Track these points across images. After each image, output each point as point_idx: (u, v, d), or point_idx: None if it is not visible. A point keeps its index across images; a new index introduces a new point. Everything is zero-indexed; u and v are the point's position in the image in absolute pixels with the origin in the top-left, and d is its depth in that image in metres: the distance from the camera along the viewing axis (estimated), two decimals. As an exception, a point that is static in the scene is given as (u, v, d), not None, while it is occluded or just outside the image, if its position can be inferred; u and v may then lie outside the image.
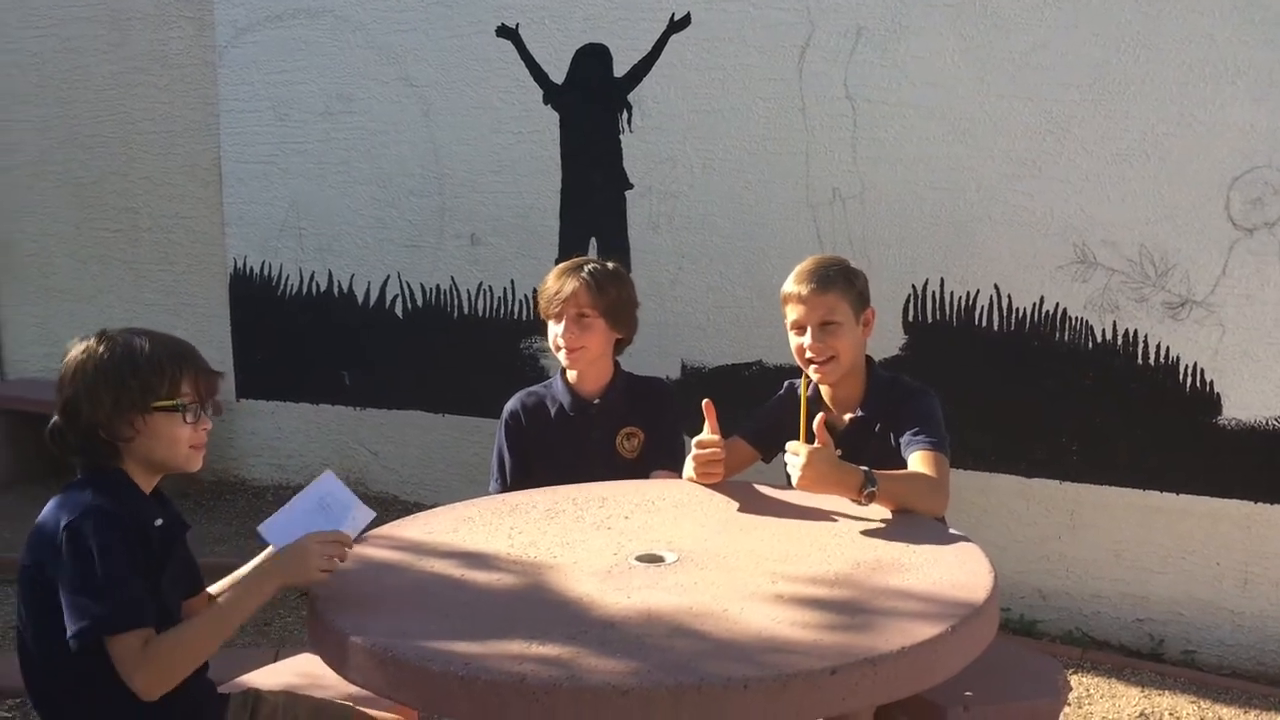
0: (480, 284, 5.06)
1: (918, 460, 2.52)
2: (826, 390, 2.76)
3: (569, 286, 2.88)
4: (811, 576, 2.10)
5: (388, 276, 5.24)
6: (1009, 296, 4.05)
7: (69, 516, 1.96)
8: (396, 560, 2.23)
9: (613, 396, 2.99)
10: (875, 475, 2.36)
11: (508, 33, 4.83)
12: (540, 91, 4.81)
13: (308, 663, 2.51)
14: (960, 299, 4.13)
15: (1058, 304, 3.98)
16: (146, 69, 5.63)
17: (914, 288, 4.19)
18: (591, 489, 2.68)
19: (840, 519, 2.40)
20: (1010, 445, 4.09)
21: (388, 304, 5.26)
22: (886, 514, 2.41)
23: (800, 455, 2.34)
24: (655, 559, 2.21)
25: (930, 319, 4.18)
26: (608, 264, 2.99)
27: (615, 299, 2.91)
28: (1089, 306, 3.94)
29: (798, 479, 2.35)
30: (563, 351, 2.92)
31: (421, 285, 5.18)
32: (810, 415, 2.44)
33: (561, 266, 2.98)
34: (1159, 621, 3.94)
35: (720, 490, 2.63)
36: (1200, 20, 3.69)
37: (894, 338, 4.19)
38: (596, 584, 2.09)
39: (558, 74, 4.77)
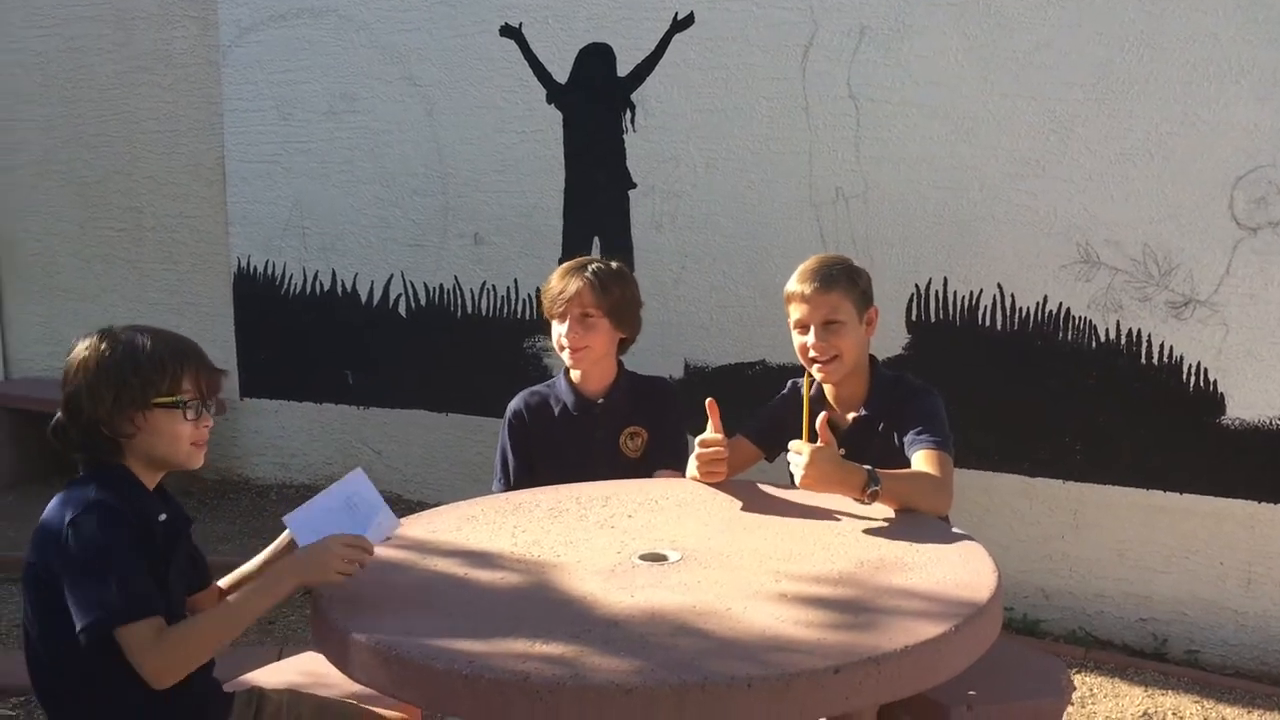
0: (484, 283, 5.06)
1: (921, 459, 2.52)
2: (830, 389, 2.76)
3: (573, 286, 2.88)
4: (815, 575, 2.10)
5: (391, 276, 5.24)
6: (1012, 296, 4.05)
7: (73, 513, 1.97)
8: (400, 559, 2.23)
9: (616, 396, 2.99)
10: (878, 474, 2.36)
11: (511, 32, 4.83)
12: (544, 91, 4.81)
13: (312, 661, 2.52)
14: (963, 298, 4.13)
15: (1061, 303, 3.98)
16: (150, 68, 5.64)
17: (917, 287, 4.18)
18: (595, 488, 2.68)
19: (843, 518, 2.40)
20: (1013, 444, 4.08)
21: (391, 303, 5.27)
22: (890, 513, 2.41)
23: (803, 454, 2.34)
24: (659, 558, 2.21)
25: (933, 318, 4.18)
26: (611, 263, 2.98)
27: (619, 299, 2.91)
28: (1092, 306, 3.94)
29: (800, 478, 2.35)
30: (566, 351, 2.92)
31: (425, 284, 5.18)
32: (813, 414, 2.44)
33: (565, 266, 2.98)
34: (1162, 621, 3.94)
35: (723, 489, 2.63)
36: (1204, 19, 3.68)
37: (897, 337, 4.19)
38: (600, 583, 2.09)
39: (561, 73, 4.78)
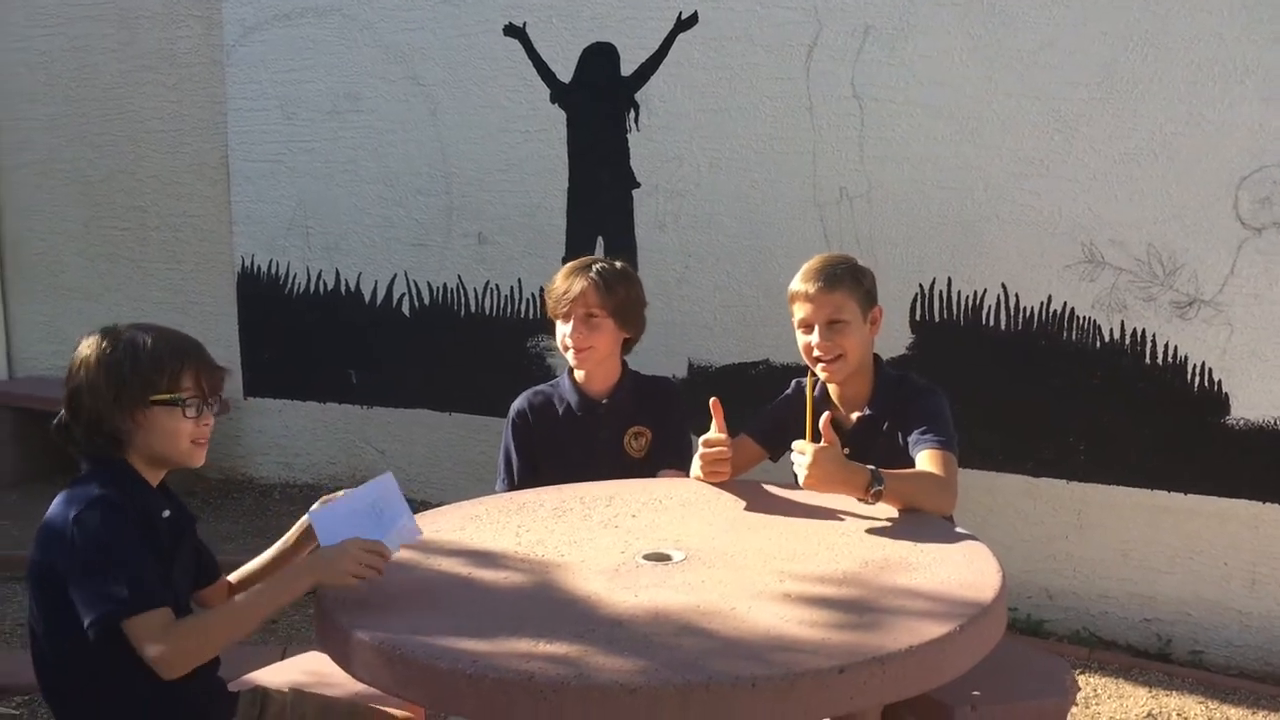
0: (487, 283, 5.06)
1: (925, 459, 2.52)
2: (834, 389, 2.75)
3: (577, 286, 2.87)
4: (819, 575, 2.09)
5: (395, 275, 5.25)
6: (1016, 296, 4.05)
7: (76, 509, 1.97)
8: (404, 558, 2.23)
9: (620, 396, 2.98)
10: (882, 474, 2.36)
11: (515, 32, 4.84)
12: (547, 90, 4.81)
13: (315, 660, 2.52)
14: (967, 298, 4.12)
15: (1065, 303, 3.98)
16: (154, 68, 5.65)
17: (921, 287, 4.18)
18: (599, 488, 2.68)
19: (848, 518, 2.40)
20: (1017, 444, 4.08)
21: (395, 303, 5.27)
22: (894, 513, 2.40)
23: (806, 454, 2.33)
24: (662, 558, 2.21)
25: (937, 318, 4.18)
26: (616, 263, 2.98)
27: (624, 299, 2.91)
28: (1097, 306, 3.94)
29: (804, 478, 2.34)
30: (571, 351, 2.92)
31: (429, 284, 5.19)
32: (817, 414, 2.43)
33: (570, 266, 2.97)
34: (1166, 622, 3.93)
35: (727, 489, 2.63)
36: (1209, 19, 3.68)
37: (901, 337, 4.18)
38: (604, 582, 2.09)
39: (565, 73, 4.78)
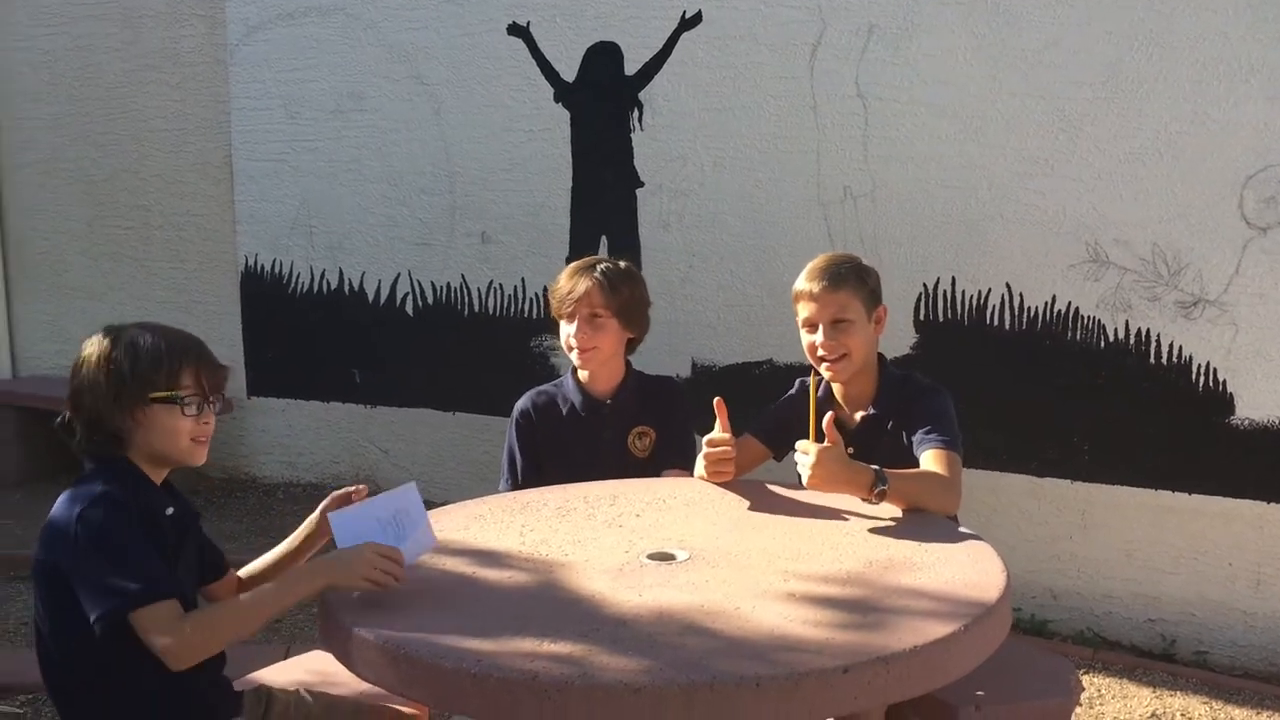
0: (491, 282, 5.06)
1: (930, 459, 2.52)
2: (838, 388, 2.75)
3: (582, 286, 2.87)
4: (823, 575, 2.09)
5: (398, 274, 5.25)
6: (1021, 295, 4.04)
7: (80, 507, 1.98)
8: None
9: (624, 396, 2.98)
10: (886, 474, 2.36)
11: (519, 31, 4.83)
12: (551, 90, 4.81)
13: (319, 660, 2.52)
14: (972, 298, 4.12)
15: (1070, 303, 3.97)
16: (158, 67, 5.65)
17: (925, 286, 4.18)
18: (602, 487, 2.68)
19: (852, 518, 2.39)
20: (1021, 444, 4.07)
21: (398, 302, 5.27)
22: (897, 513, 2.40)
23: (810, 454, 2.33)
24: (667, 557, 2.21)
25: (941, 318, 4.17)
26: (620, 263, 2.97)
27: (628, 299, 2.90)
28: (1101, 305, 3.93)
29: (807, 478, 2.34)
30: (575, 351, 2.91)
31: (432, 283, 5.19)
32: (820, 413, 2.43)
33: (574, 266, 2.96)
34: (1171, 622, 3.93)
35: (731, 489, 2.63)
36: (1214, 18, 3.67)
37: (905, 336, 4.18)
38: (608, 582, 2.09)
39: (569, 72, 4.77)
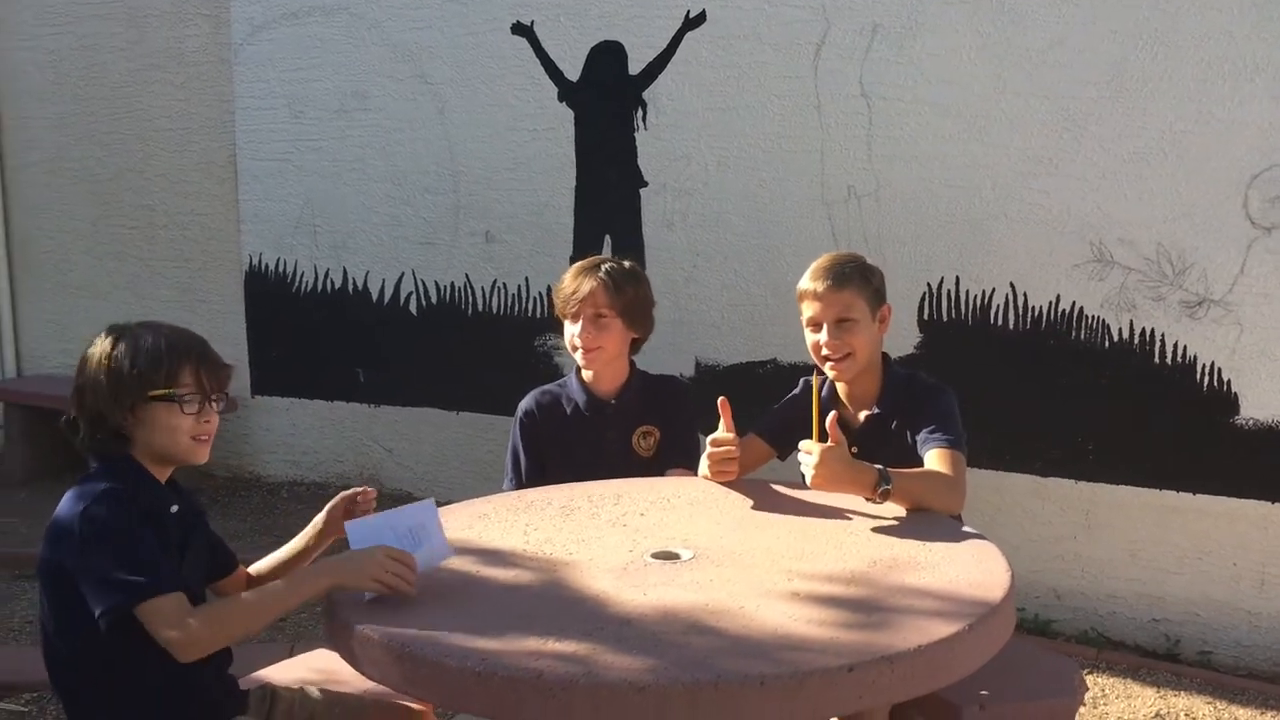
0: (495, 281, 5.06)
1: (934, 458, 2.51)
2: (843, 387, 2.75)
3: (586, 286, 2.86)
4: (827, 574, 2.09)
5: (402, 274, 5.25)
6: (1025, 295, 4.04)
7: (84, 504, 1.99)
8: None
9: (629, 396, 2.97)
10: (890, 473, 2.36)
11: (523, 30, 4.84)
12: (555, 89, 4.81)
13: (323, 658, 2.52)
14: (976, 297, 4.12)
15: (1074, 303, 3.97)
16: (163, 66, 5.66)
17: (929, 286, 4.18)
18: (606, 486, 2.68)
19: (856, 517, 2.39)
20: (1025, 444, 4.07)
21: (402, 301, 5.27)
22: (902, 512, 2.40)
23: (813, 454, 2.33)
24: (671, 556, 2.21)
25: (945, 317, 4.17)
26: (624, 263, 2.96)
27: (632, 299, 2.90)
28: (1105, 305, 3.93)
29: (811, 478, 2.34)
30: (579, 351, 2.91)
31: (436, 282, 5.19)
32: (824, 413, 2.43)
33: (578, 266, 2.96)
34: (1175, 622, 3.92)
35: (735, 488, 2.63)
36: (1218, 17, 3.67)
37: (909, 336, 4.18)
38: (612, 581, 2.09)
39: (573, 71, 4.78)
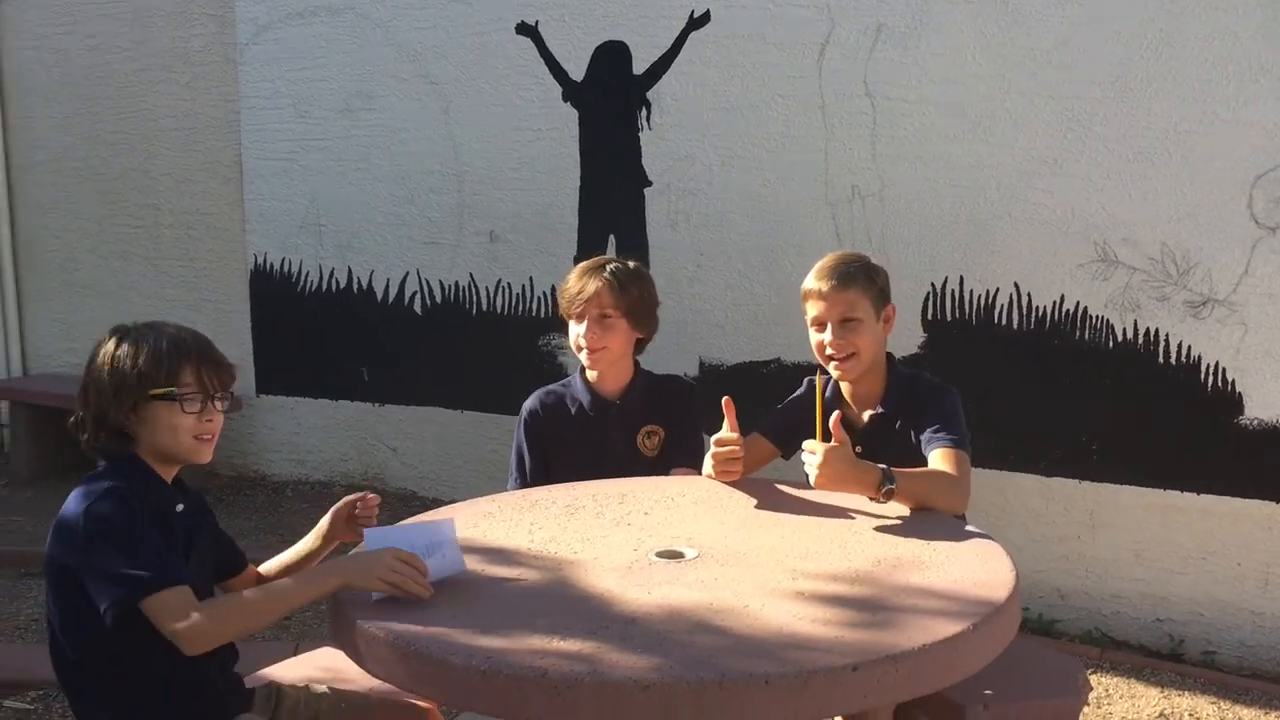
0: (499, 281, 5.07)
1: (938, 458, 2.52)
2: (847, 387, 2.75)
3: (591, 287, 2.86)
4: (832, 573, 2.10)
5: (407, 273, 5.26)
6: (1029, 295, 4.04)
7: (89, 501, 2.00)
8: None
9: (633, 397, 2.98)
10: (894, 473, 2.36)
11: (527, 30, 4.84)
12: (559, 89, 4.82)
13: (329, 656, 2.53)
14: (980, 297, 4.12)
15: (1078, 303, 3.97)
16: (168, 66, 5.67)
17: (933, 286, 4.18)
18: (611, 485, 2.68)
19: (860, 516, 2.40)
20: (1030, 444, 4.07)
21: (407, 300, 5.28)
22: (906, 512, 2.40)
23: (817, 454, 2.33)
24: (675, 555, 2.21)
25: (949, 317, 4.17)
26: (629, 263, 2.96)
27: (637, 299, 2.90)
28: (1110, 305, 3.93)
29: (815, 478, 2.34)
30: (584, 352, 2.91)
31: (440, 282, 5.20)
32: (828, 413, 2.43)
33: (583, 266, 2.96)
34: (1179, 622, 3.92)
35: (739, 487, 2.63)
36: (1223, 17, 3.67)
37: (913, 336, 4.18)
38: (617, 579, 2.09)
39: (577, 71, 4.78)
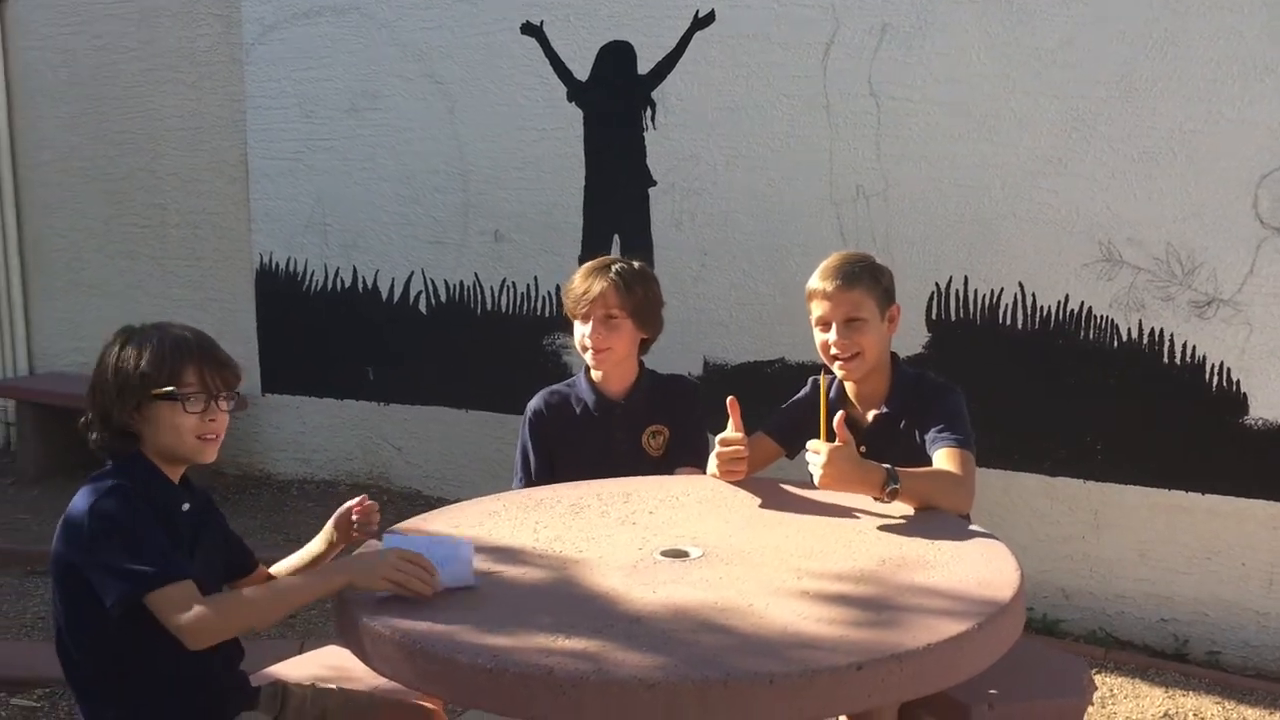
0: (504, 280, 5.08)
1: (943, 457, 2.52)
2: (851, 387, 2.75)
3: (597, 287, 2.86)
4: (837, 573, 2.10)
5: (412, 273, 5.27)
6: (1033, 295, 4.04)
7: (94, 498, 2.02)
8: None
9: (638, 397, 2.98)
10: (898, 472, 2.36)
11: (532, 30, 4.85)
12: (564, 88, 4.82)
13: (334, 655, 2.53)
14: (984, 297, 4.12)
15: (1083, 302, 3.97)
16: (175, 66, 5.68)
17: (938, 285, 4.18)
18: (615, 484, 2.69)
19: (864, 516, 2.40)
20: (1034, 444, 4.07)
21: (411, 300, 5.29)
22: (910, 511, 2.40)
23: (821, 454, 2.33)
24: (680, 554, 2.21)
25: (954, 317, 4.17)
26: (634, 263, 2.97)
27: (642, 299, 2.90)
28: (1114, 305, 3.93)
29: (819, 478, 2.34)
30: (589, 352, 2.91)
31: (445, 281, 5.20)
32: (832, 413, 2.43)
33: (588, 266, 2.96)
34: (1183, 622, 3.92)
35: (744, 487, 2.63)
36: (1228, 17, 3.66)
37: (917, 336, 4.18)
38: (622, 578, 2.10)
39: (582, 71, 4.78)
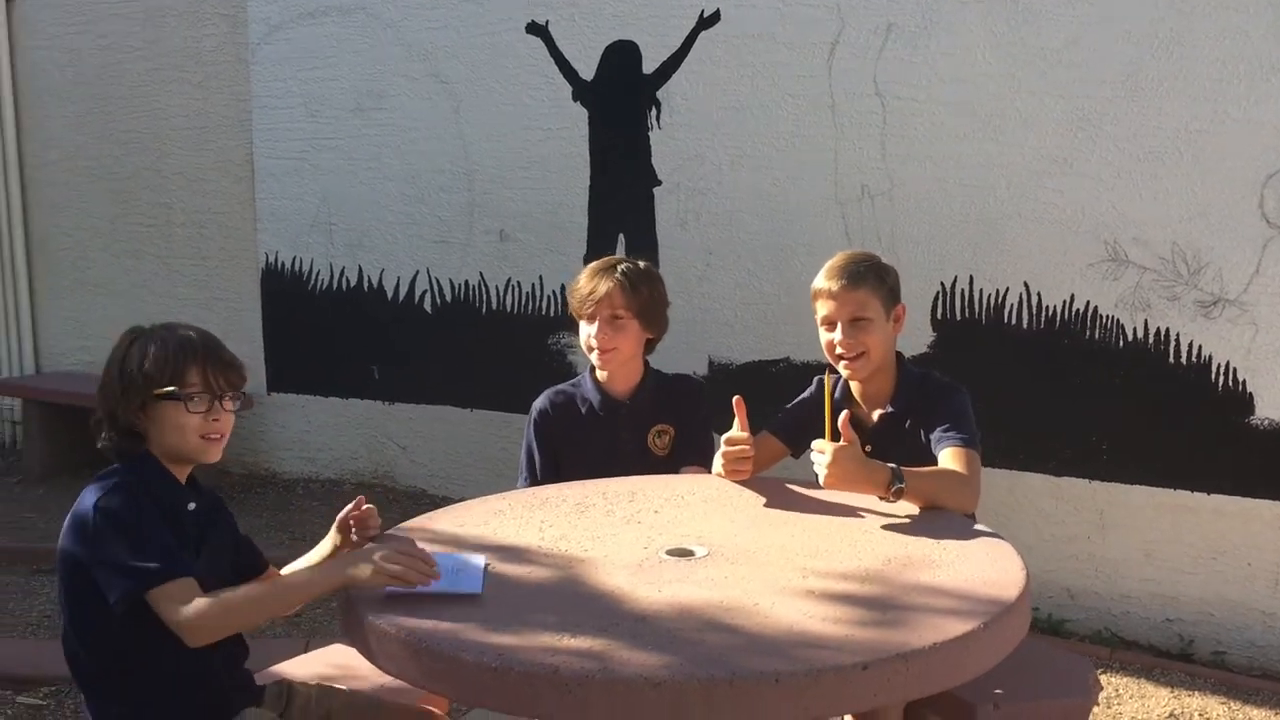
0: (509, 280, 5.08)
1: (948, 457, 2.52)
2: (857, 387, 2.75)
3: (603, 287, 2.86)
4: (842, 572, 2.10)
5: (417, 272, 5.27)
6: (1039, 294, 4.04)
7: (99, 496, 2.03)
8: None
9: (643, 397, 2.98)
10: (903, 472, 2.36)
11: (538, 29, 4.85)
12: (569, 88, 4.82)
13: (340, 653, 2.54)
14: (990, 297, 4.12)
15: (1088, 302, 3.96)
16: (180, 65, 5.69)
17: (943, 285, 4.18)
18: (621, 484, 2.69)
19: (869, 515, 2.40)
20: (1039, 444, 4.07)
21: (417, 299, 5.29)
22: (916, 511, 2.40)
23: (826, 454, 2.33)
24: (685, 553, 2.22)
25: (959, 317, 4.17)
26: (640, 263, 2.97)
27: (648, 299, 2.90)
28: (1120, 305, 3.92)
29: (824, 478, 2.34)
30: (595, 352, 2.91)
31: (450, 281, 5.21)
32: (837, 412, 2.43)
33: (594, 266, 2.96)
34: (1189, 622, 3.92)
35: (749, 486, 2.63)
36: (1234, 16, 3.66)
37: (923, 335, 4.18)
38: (627, 577, 2.10)
39: (587, 71, 4.79)
